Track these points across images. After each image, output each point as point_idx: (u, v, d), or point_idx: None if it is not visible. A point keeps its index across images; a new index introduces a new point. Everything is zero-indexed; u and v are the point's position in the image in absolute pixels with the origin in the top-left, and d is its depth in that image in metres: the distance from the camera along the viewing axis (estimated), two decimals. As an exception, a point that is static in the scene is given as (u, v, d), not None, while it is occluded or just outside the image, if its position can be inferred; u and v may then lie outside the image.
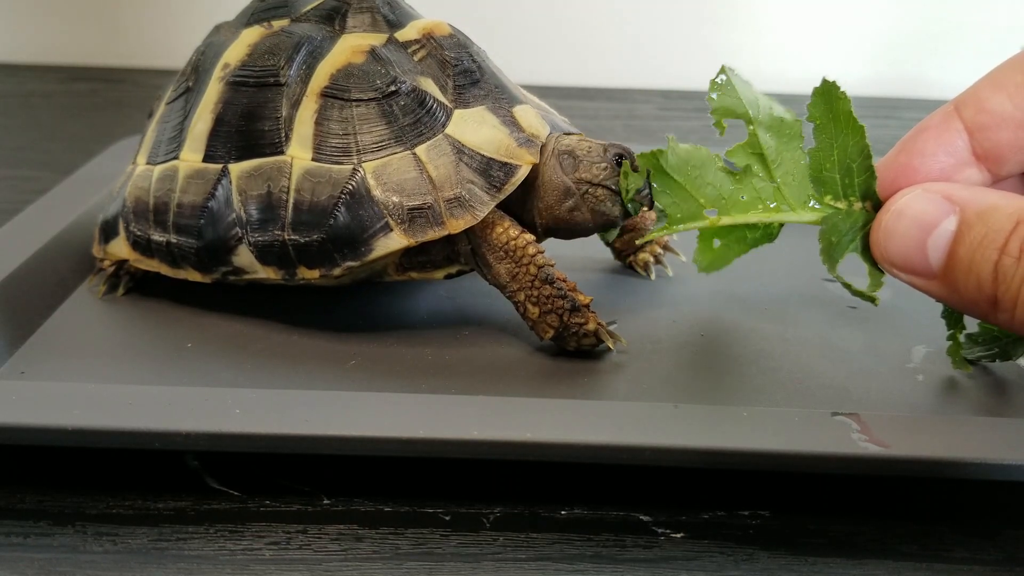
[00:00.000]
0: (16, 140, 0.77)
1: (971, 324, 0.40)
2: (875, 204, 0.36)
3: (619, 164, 0.42)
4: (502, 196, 0.41)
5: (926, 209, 0.32)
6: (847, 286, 0.36)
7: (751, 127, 0.38)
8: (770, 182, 0.38)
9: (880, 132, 0.86)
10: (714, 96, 0.38)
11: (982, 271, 0.31)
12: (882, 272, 0.36)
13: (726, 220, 0.39)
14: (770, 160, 0.38)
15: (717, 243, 0.41)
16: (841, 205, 0.37)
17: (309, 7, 0.45)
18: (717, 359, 0.43)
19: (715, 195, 0.39)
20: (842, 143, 0.37)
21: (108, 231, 0.47)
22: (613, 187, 0.42)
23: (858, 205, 0.37)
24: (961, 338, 0.40)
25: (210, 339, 0.43)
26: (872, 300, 0.36)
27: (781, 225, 0.39)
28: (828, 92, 0.37)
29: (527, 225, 0.43)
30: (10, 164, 0.71)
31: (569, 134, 0.44)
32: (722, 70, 0.38)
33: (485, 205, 0.41)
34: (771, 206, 0.38)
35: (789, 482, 0.36)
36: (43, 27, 1.00)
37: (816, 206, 0.38)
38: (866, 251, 0.36)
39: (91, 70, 0.99)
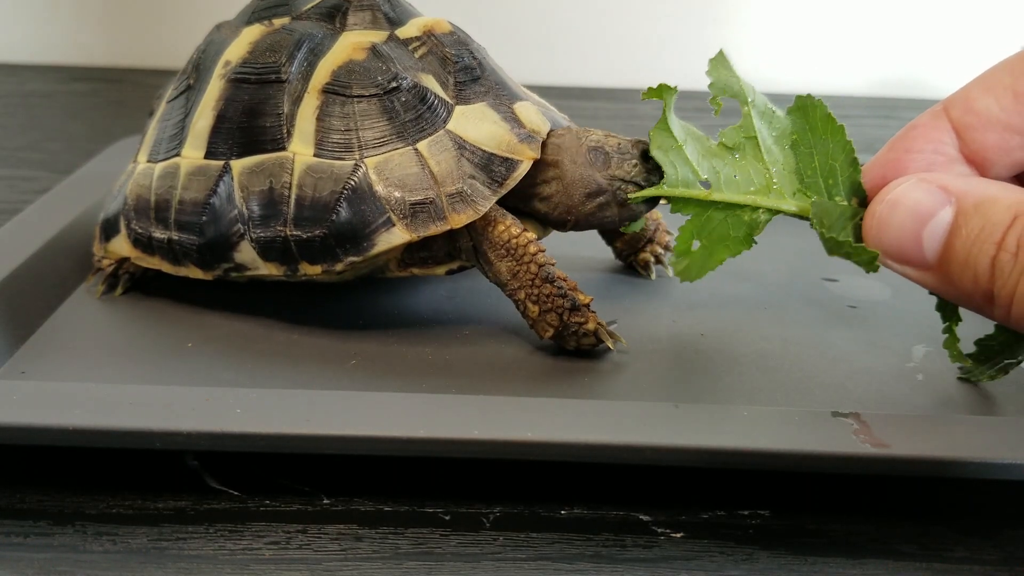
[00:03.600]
0: (16, 140, 0.77)
1: (967, 317, 0.39)
2: (861, 200, 0.36)
3: (647, 159, 0.42)
4: (504, 191, 0.41)
5: (921, 199, 0.32)
6: (848, 253, 0.36)
7: (746, 108, 0.38)
8: (761, 165, 0.38)
9: (880, 132, 0.86)
10: (714, 73, 0.39)
11: (979, 265, 0.30)
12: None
13: (718, 196, 0.39)
14: (762, 145, 0.38)
15: (696, 245, 0.40)
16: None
17: (310, 5, 0.46)
18: (717, 359, 0.43)
19: (709, 168, 0.39)
20: (822, 148, 0.37)
21: (109, 229, 0.47)
22: (643, 183, 0.42)
23: (844, 203, 0.37)
24: (958, 341, 0.40)
25: (211, 339, 0.43)
26: (873, 268, 0.36)
27: (766, 222, 0.39)
28: (803, 107, 0.38)
29: (533, 217, 0.44)
30: (10, 164, 0.71)
31: (587, 129, 0.44)
32: (720, 53, 0.39)
33: (487, 200, 0.41)
34: (761, 190, 0.38)
35: (789, 482, 0.36)
36: (43, 27, 1.00)
37: (802, 196, 0.38)
38: (859, 242, 0.36)
39: (91, 70, 0.99)
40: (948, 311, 0.39)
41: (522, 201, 0.43)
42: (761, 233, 0.39)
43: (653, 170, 0.42)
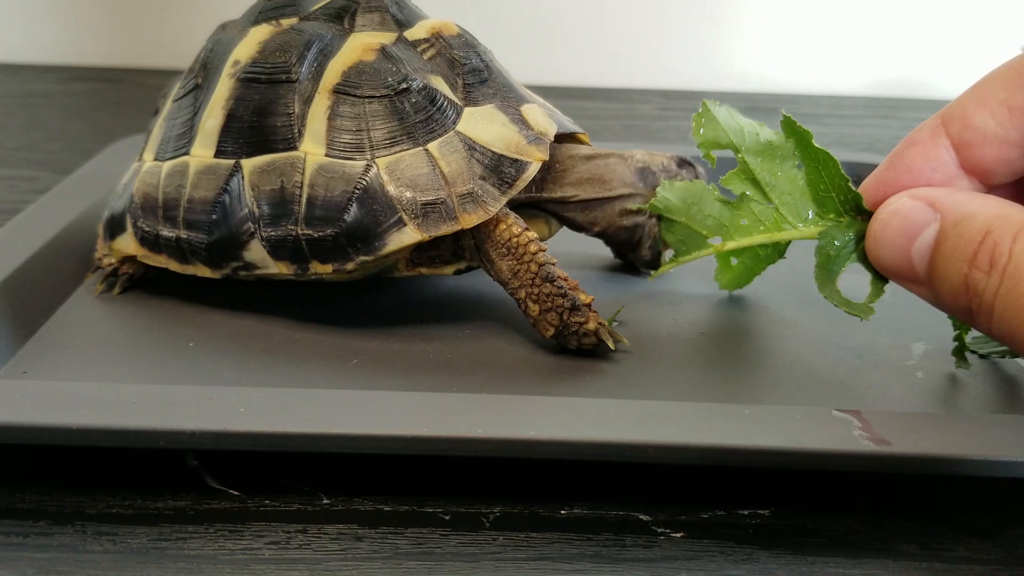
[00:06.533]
0: (16, 140, 0.77)
1: None
2: (867, 217, 0.37)
3: (685, 167, 0.47)
4: (513, 192, 0.41)
5: (910, 217, 0.32)
6: (840, 304, 0.37)
7: (739, 155, 0.40)
8: (768, 204, 0.40)
9: (880, 132, 0.86)
10: (699, 131, 0.41)
11: (955, 282, 0.31)
12: (884, 280, 0.36)
13: (731, 245, 0.41)
14: (764, 184, 0.39)
15: (735, 261, 0.44)
16: (842, 220, 0.38)
17: (317, 6, 0.46)
18: (718, 357, 0.43)
19: (716, 224, 0.41)
20: (822, 168, 0.38)
21: (114, 227, 0.47)
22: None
23: (856, 220, 0.37)
24: (968, 337, 0.40)
25: (212, 338, 0.43)
26: (861, 315, 0.37)
27: (789, 241, 0.40)
28: (791, 126, 0.38)
29: (557, 217, 0.47)
30: (10, 164, 0.71)
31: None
32: (703, 105, 0.41)
33: (497, 201, 0.41)
34: (772, 226, 0.40)
35: (789, 481, 0.36)
36: (43, 27, 1.00)
37: (817, 219, 0.38)
38: (866, 259, 0.36)
39: (91, 70, 0.99)
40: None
41: (559, 205, 0.46)
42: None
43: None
